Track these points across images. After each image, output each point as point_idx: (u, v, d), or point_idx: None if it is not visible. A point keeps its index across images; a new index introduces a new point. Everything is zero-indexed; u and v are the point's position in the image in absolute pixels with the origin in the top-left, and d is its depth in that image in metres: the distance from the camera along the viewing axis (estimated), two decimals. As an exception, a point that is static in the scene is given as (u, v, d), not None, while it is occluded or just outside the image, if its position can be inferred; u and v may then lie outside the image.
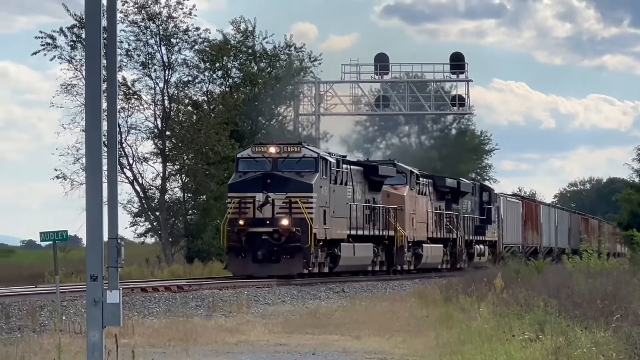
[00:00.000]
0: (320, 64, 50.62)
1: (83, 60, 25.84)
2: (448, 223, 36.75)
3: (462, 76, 52.47)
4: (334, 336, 14.66)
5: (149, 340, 13.51)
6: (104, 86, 7.30)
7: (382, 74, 51.63)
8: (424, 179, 35.70)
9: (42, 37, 44.99)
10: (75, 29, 44.17)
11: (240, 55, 50.13)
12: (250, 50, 50.78)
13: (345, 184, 29.97)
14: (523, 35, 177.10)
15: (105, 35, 7.41)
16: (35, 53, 45.37)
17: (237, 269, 27.64)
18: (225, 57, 48.72)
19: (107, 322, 7.55)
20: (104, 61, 7.27)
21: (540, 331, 12.24)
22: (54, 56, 44.88)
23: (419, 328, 15.70)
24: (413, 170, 35.03)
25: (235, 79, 47.99)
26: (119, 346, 8.59)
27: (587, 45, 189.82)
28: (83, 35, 29.71)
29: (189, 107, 47.84)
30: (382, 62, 50.70)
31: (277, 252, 26.53)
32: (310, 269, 26.88)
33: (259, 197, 26.57)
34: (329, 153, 30.30)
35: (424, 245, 34.77)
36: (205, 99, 47.34)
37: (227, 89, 47.33)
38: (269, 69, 49.63)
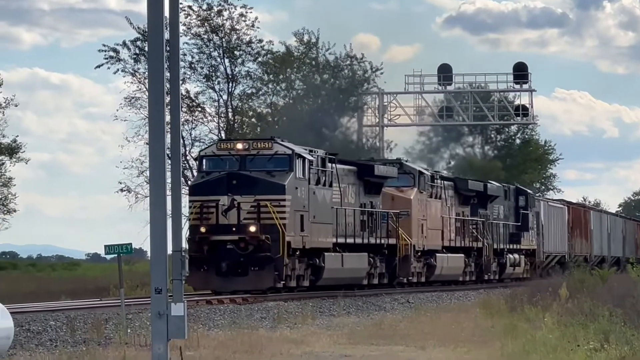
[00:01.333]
0: (382, 73, 51.54)
1: (146, 73, 27.04)
2: (474, 230, 33.33)
3: (525, 86, 52.44)
4: (399, 347, 14.49)
5: (214, 352, 13.43)
6: (167, 99, 7.35)
7: (446, 84, 51.78)
8: (441, 181, 32.23)
9: (105, 51, 46.80)
10: (138, 42, 45.58)
11: (304, 67, 50.69)
12: (313, 62, 51.15)
13: (331, 185, 26.25)
14: (585, 44, 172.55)
15: (168, 48, 7.42)
16: (99, 66, 47.12)
17: (199, 282, 24.80)
18: (288, 69, 49.34)
19: (172, 334, 7.54)
20: (167, 74, 7.33)
21: (605, 341, 11.92)
22: (118, 69, 46.52)
23: (484, 338, 15.51)
24: (424, 171, 31.84)
25: (299, 91, 48.40)
26: (183, 359, 8.66)
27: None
28: (146, 48, 29.84)
29: (253, 119, 48.36)
30: (445, 73, 51.00)
31: (244, 264, 23.32)
32: (283, 282, 23.64)
33: (224, 200, 23.52)
34: (311, 150, 26.55)
35: (437, 255, 31.11)
36: (269, 110, 47.49)
37: (290, 101, 47.70)
38: (332, 80, 49.87)
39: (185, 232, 23.71)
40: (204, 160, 25.64)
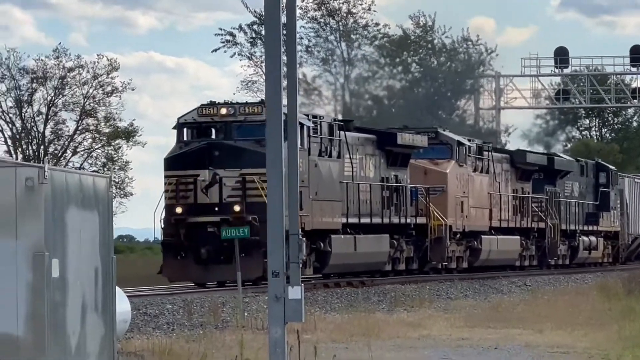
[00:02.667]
0: (497, 55, 50.55)
1: (263, 56, 24.14)
2: (536, 209, 29.12)
3: (642, 69, 62.08)
4: (516, 330, 14.07)
5: (331, 335, 13.53)
6: (284, 82, 7.08)
7: (562, 67, 51.95)
8: (489, 154, 28.25)
9: (222, 34, 46.96)
10: (254, 26, 45.85)
11: (420, 50, 50.55)
12: (429, 45, 51.33)
13: (339, 157, 22.32)
14: None
15: (284, 32, 7.15)
16: (215, 50, 46.98)
17: (174, 272, 20.97)
18: (405, 52, 49.09)
19: (289, 318, 7.29)
20: (284, 58, 7.08)
21: None
22: (234, 53, 46.68)
23: (601, 321, 14.91)
24: (464, 141, 27.03)
25: (415, 74, 46.72)
26: (301, 342, 8.27)
27: None
28: (262, 32, 28.85)
29: (369, 102, 48.49)
30: (561, 56, 50.60)
31: (227, 250, 19.02)
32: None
33: (204, 175, 19.96)
34: (314, 116, 22.86)
35: (483, 237, 27.09)
36: (386, 93, 46.26)
37: (407, 84, 45.77)
38: (448, 63, 49.72)
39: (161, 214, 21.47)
40: (184, 129, 21.78)
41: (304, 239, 14.81)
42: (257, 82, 44.71)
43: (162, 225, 19.90)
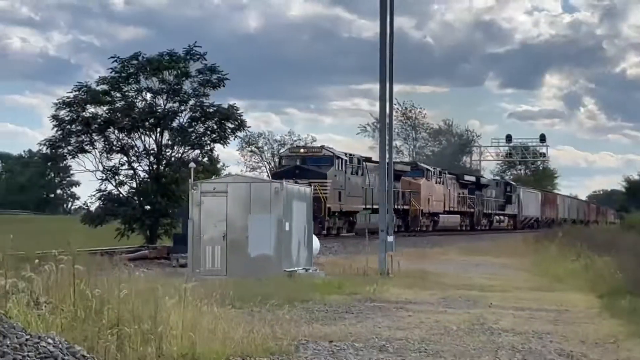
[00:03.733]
0: (480, 136, 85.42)
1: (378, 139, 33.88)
2: (470, 202, 49.88)
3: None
4: (486, 257, 26.13)
5: (406, 257, 22.54)
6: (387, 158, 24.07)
7: (509, 143, 75.14)
8: (445, 175, 47.17)
9: (362, 127, 74.73)
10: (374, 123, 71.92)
11: (447, 134, 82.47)
12: (451, 131, 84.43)
13: (362, 175, 35.53)
14: None
15: (387, 125, 20.43)
16: (358, 133, 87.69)
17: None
18: (439, 135, 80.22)
19: (388, 249, 17.27)
20: (387, 137, 21.92)
21: (578, 256, 22.47)
22: (365, 135, 73.72)
23: (524, 254, 28.54)
24: (430, 168, 45.56)
25: (444, 144, 77.77)
26: (392, 258, 17.65)
27: None
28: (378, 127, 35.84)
29: (424, 157, 76.09)
30: (509, 137, 73.75)
31: None
32: (325, 232, 31.18)
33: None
34: (350, 154, 35.64)
35: (440, 215, 45.57)
36: (431, 152, 78.83)
37: (440, 148, 79.13)
38: (457, 139, 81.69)
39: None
40: (282, 159, 36.83)
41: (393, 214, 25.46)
42: (374, 148, 62.66)
43: None
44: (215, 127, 24.63)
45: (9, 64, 74.39)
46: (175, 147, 24.50)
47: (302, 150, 35.65)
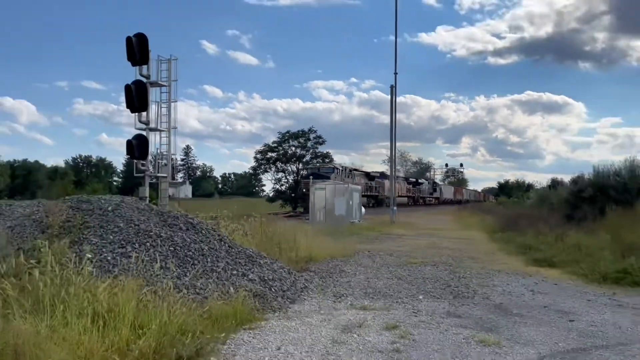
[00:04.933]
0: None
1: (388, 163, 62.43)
2: (413, 191, 65.32)
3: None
4: (472, 231, 23.66)
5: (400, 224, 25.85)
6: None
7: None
8: (401, 179, 58.41)
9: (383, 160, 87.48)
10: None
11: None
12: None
13: (353, 178, 43.64)
14: None
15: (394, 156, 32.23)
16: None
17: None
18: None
19: (393, 214, 31.49)
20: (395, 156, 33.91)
21: (477, 216, 33.87)
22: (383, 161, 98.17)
23: (451, 214, 39.11)
24: (386, 174, 53.02)
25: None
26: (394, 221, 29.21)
27: None
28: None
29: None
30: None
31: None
32: None
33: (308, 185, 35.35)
34: (342, 166, 46.20)
35: (397, 198, 47.29)
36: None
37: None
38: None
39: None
40: (307, 169, 45.63)
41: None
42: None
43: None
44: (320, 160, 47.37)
45: (236, 136, 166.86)
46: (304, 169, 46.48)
47: (317, 164, 45.55)
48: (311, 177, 39.30)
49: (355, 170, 49.21)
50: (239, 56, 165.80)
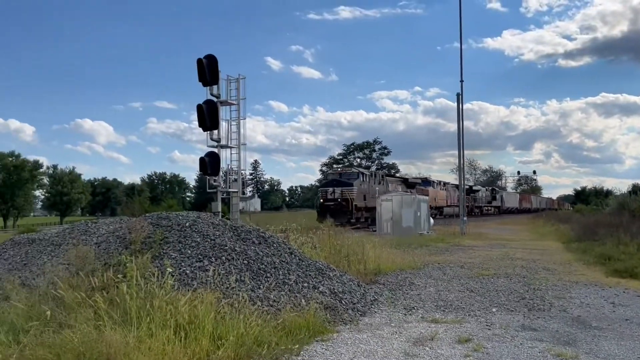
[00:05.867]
0: None
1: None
2: (468, 201, 52.43)
3: None
4: (546, 242, 23.16)
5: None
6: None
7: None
8: (446, 185, 53.46)
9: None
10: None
11: None
12: None
13: (382, 184, 37.46)
14: None
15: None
16: None
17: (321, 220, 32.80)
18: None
19: (463, 228, 29.11)
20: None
21: (552, 225, 31.93)
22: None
23: (524, 224, 35.26)
24: (434, 181, 50.99)
25: None
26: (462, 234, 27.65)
27: None
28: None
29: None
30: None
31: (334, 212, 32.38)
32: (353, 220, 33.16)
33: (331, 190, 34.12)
34: (373, 171, 38.80)
35: (444, 207, 52.28)
36: None
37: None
38: None
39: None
40: (327, 175, 39.54)
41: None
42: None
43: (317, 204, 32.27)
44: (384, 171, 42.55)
45: (302, 150, 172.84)
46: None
47: (338, 169, 39.19)
48: (329, 185, 34.84)
49: (391, 176, 45.02)
50: (302, 70, 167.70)
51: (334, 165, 61.73)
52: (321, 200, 34.62)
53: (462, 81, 31.56)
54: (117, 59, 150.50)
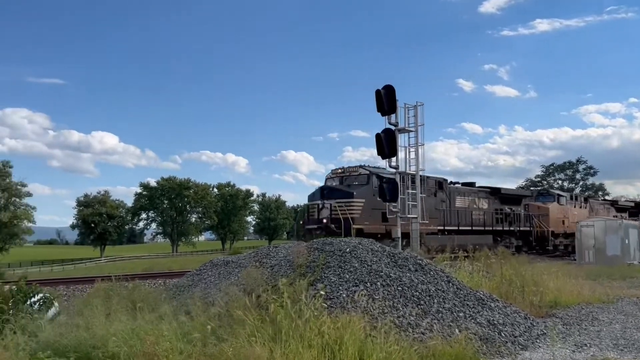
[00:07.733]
0: None
1: None
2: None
3: None
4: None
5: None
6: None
7: None
8: (598, 203, 41.97)
9: None
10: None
11: None
12: None
13: (435, 195, 27.16)
14: None
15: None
16: None
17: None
18: None
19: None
20: None
21: None
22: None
23: None
24: (561, 194, 38.85)
25: None
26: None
27: None
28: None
29: None
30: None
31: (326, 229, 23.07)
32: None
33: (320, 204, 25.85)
34: (428, 176, 26.25)
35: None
36: None
37: None
38: None
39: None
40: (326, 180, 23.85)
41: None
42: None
43: None
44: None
45: (499, 171, 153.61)
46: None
47: (339, 170, 26.23)
48: (320, 196, 23.68)
49: (458, 184, 31.61)
50: (496, 89, 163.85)
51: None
52: (300, 222, 26.55)
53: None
54: (313, 97, 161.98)
